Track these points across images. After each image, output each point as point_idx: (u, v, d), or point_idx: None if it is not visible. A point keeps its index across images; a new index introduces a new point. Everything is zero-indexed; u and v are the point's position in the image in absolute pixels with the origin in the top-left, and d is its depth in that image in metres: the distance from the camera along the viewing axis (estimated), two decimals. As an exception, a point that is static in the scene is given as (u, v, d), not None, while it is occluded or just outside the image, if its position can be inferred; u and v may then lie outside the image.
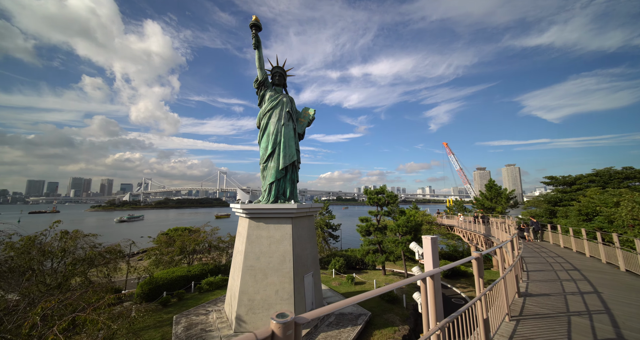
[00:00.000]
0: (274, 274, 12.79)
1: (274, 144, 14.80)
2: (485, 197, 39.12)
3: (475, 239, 23.36)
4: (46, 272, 12.92)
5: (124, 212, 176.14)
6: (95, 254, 13.48)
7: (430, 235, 5.55)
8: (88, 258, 13.35)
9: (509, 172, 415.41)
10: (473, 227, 23.73)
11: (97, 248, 14.42)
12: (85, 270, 13.04)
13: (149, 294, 17.28)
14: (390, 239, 19.74)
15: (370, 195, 22.86)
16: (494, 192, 37.80)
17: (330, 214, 47.40)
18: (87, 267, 13.98)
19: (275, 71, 16.31)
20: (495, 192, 37.88)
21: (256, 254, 13.09)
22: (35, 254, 12.57)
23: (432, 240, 5.61)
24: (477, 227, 22.76)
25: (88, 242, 14.29)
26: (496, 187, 38.44)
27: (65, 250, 12.86)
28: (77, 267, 12.48)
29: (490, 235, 19.35)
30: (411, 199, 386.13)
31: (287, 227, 13.46)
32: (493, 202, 37.42)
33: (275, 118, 15.15)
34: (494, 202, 37.02)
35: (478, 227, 22.31)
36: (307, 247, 14.51)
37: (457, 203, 50.88)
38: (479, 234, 21.85)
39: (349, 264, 25.44)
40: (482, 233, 20.96)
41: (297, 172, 15.78)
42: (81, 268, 12.85)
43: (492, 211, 35.74)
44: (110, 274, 14.88)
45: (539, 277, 9.65)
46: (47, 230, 13.75)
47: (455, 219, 30.44)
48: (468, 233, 25.21)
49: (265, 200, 14.50)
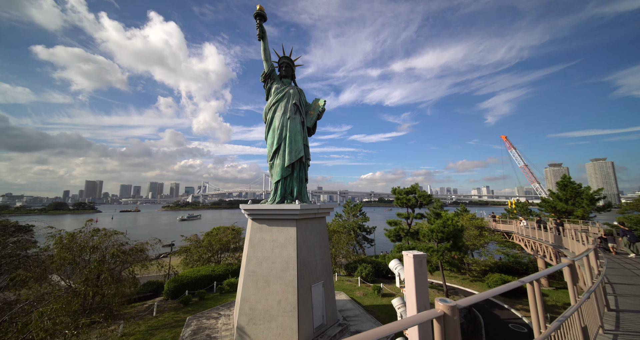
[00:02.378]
0: (277, 281, 11.57)
1: (279, 140, 13.68)
2: (557, 197, 31.65)
3: (541, 250, 18.43)
4: (83, 266, 14.19)
5: (186, 211, 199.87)
6: (118, 252, 14.28)
7: (414, 252, 3.54)
8: (114, 255, 14.19)
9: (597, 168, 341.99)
10: (537, 235, 18.79)
11: (124, 246, 15.35)
12: (110, 267, 13.85)
13: (174, 291, 17.88)
14: (423, 246, 16.74)
15: (398, 196, 20.03)
16: (569, 192, 30.23)
17: (364, 216, 44.68)
18: (119, 264, 14.99)
19: (282, 62, 15.26)
20: (571, 191, 30.26)
21: (258, 259, 12.08)
22: (75, 250, 13.89)
23: (415, 260, 3.63)
24: (542, 235, 17.92)
25: (116, 241, 15.31)
26: (573, 185, 30.71)
27: (95, 247, 13.90)
28: (103, 264, 13.30)
29: (562, 247, 14.79)
30: (464, 200, 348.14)
31: (291, 230, 12.13)
32: (569, 203, 29.92)
33: (281, 111, 14.05)
34: (571, 204, 29.55)
35: (544, 235, 17.50)
36: (316, 253, 12.94)
37: (519, 205, 42.93)
38: (545, 244, 17.07)
39: (379, 271, 22.84)
40: (551, 243, 16.28)
41: (305, 169, 14.37)
42: (107, 265, 13.69)
43: (569, 215, 28.55)
44: (136, 271, 15.71)
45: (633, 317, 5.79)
46: (84, 227, 15.12)
47: (515, 224, 24.98)
48: (531, 242, 20.17)
49: (271, 201, 13.46)
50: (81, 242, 13.61)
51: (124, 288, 15.07)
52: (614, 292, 7.56)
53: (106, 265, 13.61)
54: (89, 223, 15.09)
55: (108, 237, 14.95)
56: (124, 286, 14.23)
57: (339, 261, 25.47)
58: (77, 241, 13.68)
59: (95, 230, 14.67)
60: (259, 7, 14.45)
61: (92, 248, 13.53)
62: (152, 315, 15.03)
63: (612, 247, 13.35)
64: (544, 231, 17.72)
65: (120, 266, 14.82)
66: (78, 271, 13.30)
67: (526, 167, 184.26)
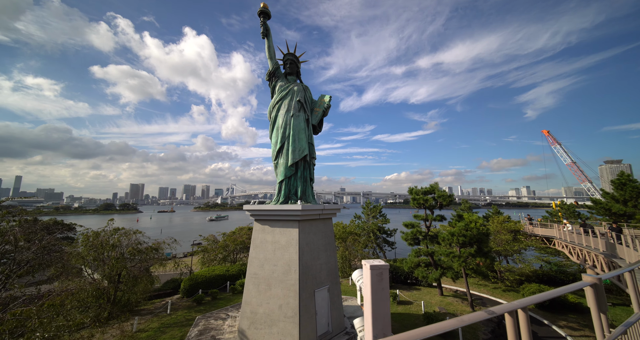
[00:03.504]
0: (278, 285, 11.10)
1: (283, 138, 13.28)
2: (612, 198, 27.32)
3: (589, 258, 15.71)
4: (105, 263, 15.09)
5: (215, 212, 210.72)
6: (135, 251, 14.92)
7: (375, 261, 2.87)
8: (132, 254, 14.86)
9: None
10: (585, 241, 16.09)
11: (141, 245, 16.05)
12: (127, 265, 14.50)
13: (190, 290, 18.30)
14: (443, 251, 15.19)
15: (415, 196, 18.50)
16: (629, 191, 25.87)
17: (385, 218, 42.83)
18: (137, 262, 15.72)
19: (286, 59, 14.91)
20: (632, 190, 25.87)
21: (260, 261, 11.72)
22: (98, 247, 14.82)
23: (374, 272, 3.05)
24: (591, 242, 15.29)
25: (135, 240, 16.05)
26: (634, 184, 26.26)
27: (114, 245, 14.68)
28: (119, 261, 13.97)
29: (616, 256, 12.37)
30: (499, 202, 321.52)
31: (293, 231, 11.60)
32: (629, 205, 25.60)
33: (284, 109, 13.66)
34: (631, 206, 25.24)
35: (594, 242, 14.89)
36: (320, 257, 12.27)
37: (564, 207, 38.12)
38: (595, 252, 14.46)
39: (397, 276, 21.37)
40: (602, 251, 13.75)
41: (311, 168, 13.78)
42: (123, 263, 14.37)
43: (629, 219, 24.41)
44: (153, 269, 16.35)
45: None
46: (107, 226, 16.08)
47: (556, 228, 21.87)
48: (577, 249, 17.36)
49: (275, 201, 13.07)
50: (102, 240, 14.46)
51: (141, 285, 15.76)
52: None
53: (123, 262, 14.27)
54: (111, 222, 16.05)
55: (127, 236, 15.73)
56: (140, 283, 14.80)
57: (354, 264, 24.44)
58: (99, 240, 14.57)
59: (115, 229, 15.54)
60: (263, 4, 14.25)
61: (111, 246, 14.30)
62: (166, 312, 15.45)
63: None
64: (592, 237, 15.08)
65: (138, 264, 15.49)
66: (101, 268, 14.13)
67: (574, 164, 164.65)
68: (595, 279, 3.16)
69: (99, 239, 15.19)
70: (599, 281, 3.12)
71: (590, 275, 3.18)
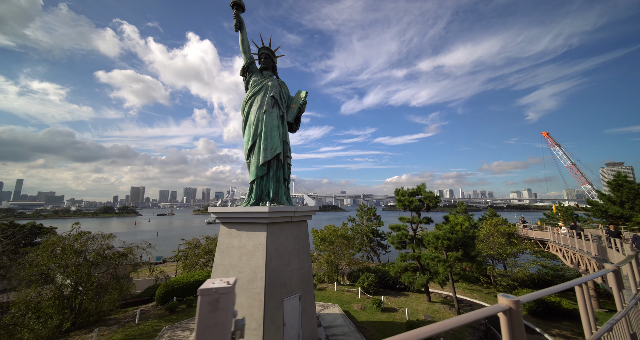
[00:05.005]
0: (242, 294, 10.26)
1: (255, 136, 12.56)
2: (609, 200, 26.49)
3: (582, 263, 14.84)
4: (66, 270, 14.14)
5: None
6: (100, 257, 14.07)
7: (214, 281, 2.32)
8: (95, 260, 14.01)
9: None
10: (578, 245, 15.23)
11: (110, 250, 15.22)
12: (90, 271, 13.63)
13: (164, 297, 17.43)
14: (428, 254, 14.33)
15: (400, 197, 17.68)
16: (626, 193, 25.04)
17: (379, 221, 41.96)
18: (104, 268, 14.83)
19: (261, 53, 14.25)
20: (629, 192, 25.05)
21: (225, 268, 10.92)
22: (61, 253, 13.97)
23: (204, 299, 2.55)
24: (583, 245, 14.45)
25: (102, 245, 15.21)
26: (631, 185, 25.44)
27: (78, 251, 13.85)
28: (81, 268, 13.11)
29: (606, 260, 11.54)
30: (500, 204, 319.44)
31: (261, 235, 10.80)
32: (626, 207, 24.75)
33: (257, 105, 12.95)
34: (628, 208, 24.39)
35: (586, 245, 14.05)
36: (292, 262, 11.45)
37: (562, 209, 37.26)
38: (587, 256, 13.60)
39: (384, 282, 20.46)
40: (594, 254, 12.89)
41: (285, 168, 13.02)
42: (87, 270, 13.51)
43: (626, 222, 23.55)
44: (133, 274, 15.54)
45: None
46: (72, 230, 15.27)
47: (550, 231, 20.99)
48: (570, 252, 16.49)
49: (245, 203, 12.29)
50: (64, 246, 13.64)
51: (115, 292, 14.90)
52: None
53: (87, 269, 13.44)
54: (76, 226, 15.24)
55: (95, 241, 14.89)
56: (114, 290, 13.99)
57: (341, 269, 23.56)
58: (61, 245, 13.74)
59: (79, 234, 14.72)
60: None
61: (74, 252, 13.47)
62: (134, 322, 14.58)
63: None
64: (584, 240, 14.23)
65: (105, 271, 14.66)
66: (62, 276, 13.30)
67: (574, 166, 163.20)
68: (615, 266, 3.40)
69: (60, 244, 14.31)
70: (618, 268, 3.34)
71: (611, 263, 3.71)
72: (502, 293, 1.83)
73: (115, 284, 14.44)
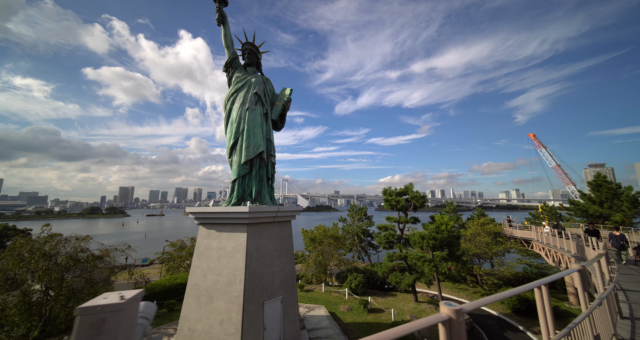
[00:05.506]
0: (221, 297, 9.90)
1: (237, 133, 12.19)
2: (589, 199, 27.25)
3: (563, 261, 15.12)
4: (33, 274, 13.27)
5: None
6: (71, 260, 13.34)
7: (98, 299, 1.63)
8: (66, 263, 13.27)
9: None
10: (559, 243, 15.51)
11: (83, 253, 14.48)
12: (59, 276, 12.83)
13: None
14: (415, 254, 14.28)
15: (387, 197, 17.62)
16: (605, 193, 25.81)
17: (370, 221, 42.02)
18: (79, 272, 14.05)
19: (245, 48, 13.88)
20: (608, 192, 25.81)
21: (203, 270, 10.50)
22: (27, 257, 13.14)
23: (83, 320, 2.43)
24: (563, 244, 14.71)
25: (76, 247, 14.44)
26: (610, 185, 26.23)
27: (46, 254, 13.07)
28: (48, 273, 12.34)
29: (584, 258, 11.74)
30: (490, 204, 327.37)
31: (241, 236, 10.45)
32: (605, 207, 25.50)
33: (239, 102, 12.58)
34: (607, 207, 25.12)
35: (566, 244, 14.30)
36: (274, 264, 11.14)
37: (546, 209, 38.25)
38: (567, 255, 13.85)
39: (372, 282, 20.36)
40: (573, 253, 13.12)
41: (269, 167, 12.69)
42: (57, 274, 12.77)
43: (605, 221, 24.25)
44: (115, 278, 14.85)
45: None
46: (42, 232, 14.48)
47: (534, 230, 21.37)
48: (552, 251, 16.79)
49: (226, 202, 11.91)
50: (32, 249, 12.87)
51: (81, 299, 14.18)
52: (627, 300, 6.78)
53: (57, 274, 12.73)
54: (46, 228, 14.46)
55: (67, 244, 14.13)
56: (79, 297, 13.28)
57: (330, 269, 23.35)
58: (27, 248, 12.95)
59: (50, 236, 13.95)
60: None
61: (42, 255, 12.72)
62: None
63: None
64: (565, 239, 14.50)
65: (79, 275, 13.94)
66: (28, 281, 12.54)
67: (559, 167, 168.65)
68: (580, 266, 3.25)
69: (27, 247, 13.48)
70: (583, 268, 3.19)
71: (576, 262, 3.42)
72: (446, 301, 1.61)
73: (90, 289, 13.73)
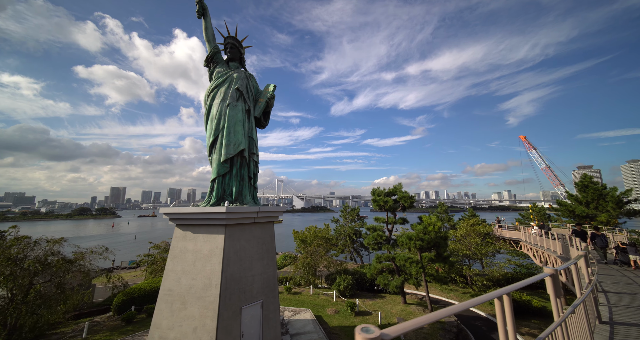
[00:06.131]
0: (195, 303, 9.37)
1: (216, 130, 11.66)
2: (576, 200, 27.54)
3: (550, 261, 15.08)
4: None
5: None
6: (39, 264, 12.55)
7: None
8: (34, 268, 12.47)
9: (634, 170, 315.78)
10: (546, 244, 15.46)
11: (55, 256, 13.69)
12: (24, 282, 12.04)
13: (122, 306, 16.08)
14: (402, 256, 14.00)
15: (375, 197, 17.34)
16: (591, 193, 26.11)
17: (362, 221, 41.77)
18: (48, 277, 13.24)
19: (227, 43, 13.37)
20: (593, 192, 26.12)
21: (177, 274, 9.95)
22: None
23: None
24: (550, 244, 14.66)
25: (47, 250, 13.63)
26: (595, 186, 26.57)
27: (10, 258, 12.25)
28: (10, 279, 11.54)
29: (569, 258, 11.65)
30: (483, 205, 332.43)
31: (218, 238, 9.94)
32: (591, 207, 25.79)
33: (220, 98, 12.06)
34: (593, 208, 25.41)
35: (552, 244, 14.24)
36: (254, 267, 10.66)
37: (536, 210, 38.67)
38: (554, 255, 13.77)
39: (362, 284, 20.03)
40: (559, 254, 13.04)
41: (251, 166, 12.20)
42: (24, 279, 11.98)
43: (591, 221, 24.49)
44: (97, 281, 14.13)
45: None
46: (8, 234, 13.66)
47: (522, 230, 21.40)
48: (539, 251, 16.76)
49: (205, 203, 11.36)
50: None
51: (68, 303, 13.46)
52: (608, 303, 6.53)
53: (25, 279, 11.97)
54: (12, 229, 13.64)
55: (35, 247, 13.32)
56: (48, 303, 12.53)
57: (319, 271, 22.93)
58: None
59: (16, 238, 13.12)
60: None
61: (6, 260, 11.89)
62: (82, 336, 13.19)
63: (634, 260, 10.21)
64: (551, 239, 14.45)
65: (50, 279, 13.17)
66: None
67: (548, 168, 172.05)
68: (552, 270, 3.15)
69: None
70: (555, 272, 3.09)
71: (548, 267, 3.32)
72: (364, 325, 1.23)
73: (61, 295, 12.97)
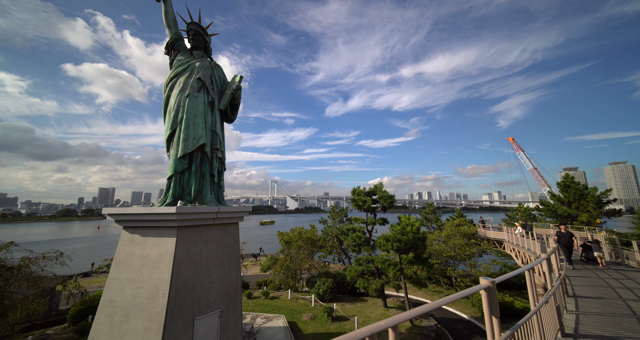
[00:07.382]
0: (139, 315, 8.31)
1: (174, 123, 10.63)
2: (559, 200, 27.58)
3: (531, 261, 14.71)
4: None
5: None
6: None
7: None
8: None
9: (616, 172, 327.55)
10: (527, 244, 15.05)
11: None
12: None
13: (79, 316, 14.76)
14: (380, 258, 13.27)
15: (355, 197, 16.62)
16: (572, 193, 26.16)
17: (350, 222, 41.10)
18: None
19: (189, 29, 12.33)
20: (575, 193, 26.18)
21: (121, 283, 8.86)
22: None
23: None
24: (531, 244, 14.24)
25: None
26: (577, 186, 26.65)
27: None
28: None
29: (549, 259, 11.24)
30: (474, 206, 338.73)
31: (169, 241, 8.92)
32: (572, 207, 25.82)
33: (179, 88, 11.03)
34: (574, 208, 25.43)
35: (532, 244, 13.82)
36: (212, 273, 9.67)
37: (521, 210, 38.88)
38: (533, 255, 13.35)
39: (343, 287, 19.22)
40: (539, 254, 12.61)
41: (214, 163, 11.20)
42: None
43: (572, 221, 24.48)
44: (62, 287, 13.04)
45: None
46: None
47: (506, 231, 21.06)
48: (521, 252, 16.36)
49: (160, 202, 10.30)
50: None
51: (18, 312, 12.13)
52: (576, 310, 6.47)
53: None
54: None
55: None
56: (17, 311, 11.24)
57: (301, 273, 21.99)
58: None
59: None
60: None
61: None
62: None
63: (599, 256, 10.19)
64: (531, 239, 14.04)
65: None
66: None
67: (535, 170, 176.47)
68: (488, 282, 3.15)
69: None
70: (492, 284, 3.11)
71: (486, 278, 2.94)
72: None
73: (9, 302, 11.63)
